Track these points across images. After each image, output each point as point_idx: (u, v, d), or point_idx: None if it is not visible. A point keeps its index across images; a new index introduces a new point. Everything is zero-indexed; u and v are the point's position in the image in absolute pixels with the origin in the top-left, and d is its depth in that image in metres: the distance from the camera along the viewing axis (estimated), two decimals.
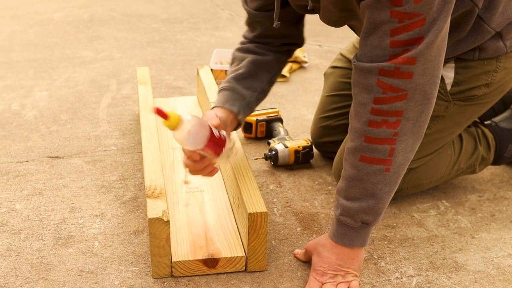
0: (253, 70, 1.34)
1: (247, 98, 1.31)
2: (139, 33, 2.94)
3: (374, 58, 1.02)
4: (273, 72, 1.38)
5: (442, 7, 0.97)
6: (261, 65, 1.35)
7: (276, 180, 1.59)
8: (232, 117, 1.29)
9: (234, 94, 1.31)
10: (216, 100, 1.31)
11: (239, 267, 1.22)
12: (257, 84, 1.34)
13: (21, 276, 1.20)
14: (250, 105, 1.33)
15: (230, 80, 1.33)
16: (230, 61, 1.42)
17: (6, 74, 2.34)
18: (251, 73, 1.34)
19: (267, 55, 1.36)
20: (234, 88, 1.31)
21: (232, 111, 1.28)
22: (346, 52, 1.62)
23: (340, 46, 2.77)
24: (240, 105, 1.30)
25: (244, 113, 1.31)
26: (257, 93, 1.34)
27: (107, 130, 1.85)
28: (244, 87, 1.32)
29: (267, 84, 1.37)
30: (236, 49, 1.41)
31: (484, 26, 1.22)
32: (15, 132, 1.83)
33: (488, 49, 1.26)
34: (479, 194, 1.55)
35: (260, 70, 1.35)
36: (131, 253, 1.27)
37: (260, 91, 1.35)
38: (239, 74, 1.33)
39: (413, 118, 1.04)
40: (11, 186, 1.53)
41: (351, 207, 1.10)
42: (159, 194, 1.20)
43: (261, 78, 1.35)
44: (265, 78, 1.36)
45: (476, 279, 1.23)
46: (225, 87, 1.32)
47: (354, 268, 1.17)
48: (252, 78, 1.34)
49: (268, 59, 1.36)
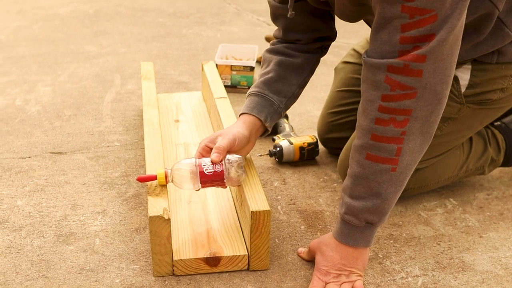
0: (282, 74, 1.32)
1: (275, 105, 1.30)
2: (145, 27, 2.92)
3: (384, 54, 0.99)
4: (303, 75, 1.35)
5: (455, 4, 0.94)
6: (290, 68, 1.33)
7: (280, 177, 1.57)
8: (259, 124, 1.27)
9: (263, 100, 1.29)
10: (244, 106, 1.30)
11: (242, 266, 1.20)
12: (287, 89, 1.32)
13: (21, 273, 1.19)
14: (279, 112, 1.31)
15: (260, 84, 1.32)
16: (261, 63, 1.39)
17: (11, 69, 2.33)
18: (280, 77, 1.32)
19: (296, 57, 1.34)
20: (262, 93, 1.30)
21: (260, 118, 1.26)
22: (359, 48, 1.60)
23: (348, 41, 2.74)
24: (268, 112, 1.28)
25: (271, 120, 1.30)
26: (286, 99, 1.33)
27: (111, 126, 1.84)
28: (273, 92, 1.31)
29: (297, 88, 1.34)
30: (266, 50, 1.39)
31: (505, 30, 1.19)
32: (18, 128, 1.82)
33: (507, 53, 1.23)
34: (488, 192, 1.52)
35: (290, 74, 1.33)
36: (132, 251, 1.26)
37: (290, 96, 1.33)
38: (269, 78, 1.31)
39: (422, 117, 1.01)
40: (13, 182, 1.52)
41: (355, 206, 1.08)
42: (161, 192, 1.18)
43: (290, 82, 1.33)
44: (295, 82, 1.34)
45: (483, 279, 1.21)
46: (254, 91, 1.31)
47: (358, 268, 1.15)
48: (281, 82, 1.32)
49: (297, 61, 1.33)
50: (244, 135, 1.23)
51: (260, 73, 1.35)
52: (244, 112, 1.28)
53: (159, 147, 1.36)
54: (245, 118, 1.27)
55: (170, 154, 1.56)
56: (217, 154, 1.17)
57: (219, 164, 1.17)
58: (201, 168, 1.16)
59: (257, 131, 1.28)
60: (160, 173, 1.18)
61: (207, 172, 1.16)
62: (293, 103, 1.36)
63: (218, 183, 1.18)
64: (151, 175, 1.19)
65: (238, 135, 1.22)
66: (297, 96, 1.36)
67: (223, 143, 1.18)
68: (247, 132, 1.24)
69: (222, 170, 1.17)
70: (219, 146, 1.18)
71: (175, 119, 1.75)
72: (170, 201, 1.35)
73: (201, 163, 1.17)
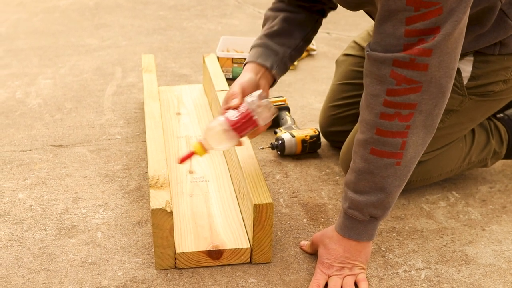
0: (287, 28, 1.31)
1: (280, 54, 1.28)
2: (145, 20, 2.91)
3: (388, 48, 0.98)
4: (307, 30, 1.34)
5: None
6: (294, 22, 1.32)
7: (282, 170, 1.56)
8: (264, 71, 1.25)
9: (266, 50, 1.28)
10: (249, 56, 1.28)
11: (244, 259, 1.20)
12: (291, 41, 1.31)
13: (23, 266, 1.19)
14: (284, 61, 1.29)
15: (262, 37, 1.30)
16: (262, 22, 1.38)
17: (11, 62, 2.32)
18: (284, 30, 1.30)
19: (300, 13, 1.33)
20: (266, 44, 1.28)
21: (265, 65, 1.25)
22: (360, 40, 1.58)
23: (349, 33, 2.73)
24: (273, 60, 1.26)
25: (278, 68, 1.27)
26: (291, 50, 1.31)
27: (112, 119, 1.83)
28: (277, 43, 1.29)
29: (302, 41, 1.33)
30: (268, 9, 1.38)
31: (508, 22, 1.18)
32: (19, 121, 1.81)
33: (509, 44, 1.22)
34: (490, 185, 1.51)
35: (294, 28, 1.32)
36: (134, 244, 1.25)
37: (294, 48, 1.31)
38: (272, 32, 1.30)
39: (426, 111, 1.01)
40: (14, 175, 1.51)
41: (359, 201, 1.08)
42: (163, 184, 1.17)
43: (294, 35, 1.32)
44: (299, 36, 1.32)
45: (486, 272, 1.20)
46: (257, 43, 1.29)
47: (361, 261, 1.15)
48: (285, 35, 1.30)
49: (301, 17, 1.33)
50: (251, 78, 1.22)
51: (263, 29, 1.34)
52: (248, 61, 1.27)
53: (160, 140, 1.35)
54: (249, 66, 1.26)
55: (171, 147, 1.55)
56: (234, 99, 1.16)
57: (242, 106, 1.16)
58: (228, 119, 1.14)
59: (264, 76, 1.26)
60: (196, 145, 1.15)
61: (234, 118, 1.14)
62: (299, 56, 1.34)
63: (251, 124, 1.16)
64: (189, 153, 1.16)
65: (244, 80, 1.21)
66: (302, 50, 1.35)
67: (234, 89, 1.17)
68: (253, 75, 1.23)
69: (247, 109, 1.15)
70: (231, 92, 1.17)
71: (176, 112, 1.75)
72: (172, 194, 1.35)
73: (226, 115, 1.16)
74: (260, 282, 1.16)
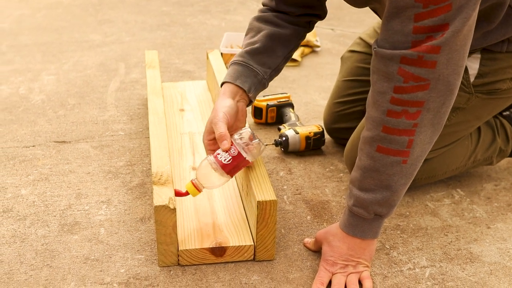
0: (270, 46, 1.28)
1: (260, 75, 1.26)
2: (149, 16, 2.90)
3: (396, 45, 0.97)
4: (290, 47, 1.31)
5: None
6: (278, 39, 1.29)
7: (286, 167, 1.56)
8: (241, 93, 1.24)
9: (246, 70, 1.25)
10: (227, 75, 1.26)
11: (247, 256, 1.19)
12: (272, 61, 1.28)
13: (26, 263, 1.18)
14: (263, 83, 1.27)
15: (244, 54, 1.27)
16: (246, 30, 1.35)
17: (14, 57, 2.32)
18: (267, 48, 1.28)
19: (285, 28, 1.29)
20: (247, 63, 1.25)
21: (243, 88, 1.23)
22: (365, 37, 1.57)
23: (354, 30, 2.71)
24: (251, 82, 1.24)
25: (255, 90, 1.26)
26: (271, 70, 1.28)
27: (115, 115, 1.82)
28: (258, 63, 1.26)
29: (283, 60, 1.31)
30: (253, 17, 1.34)
31: None
32: (22, 117, 1.81)
33: None
34: (495, 183, 1.50)
35: (277, 45, 1.29)
36: (137, 241, 1.25)
37: (275, 68, 1.29)
38: (254, 49, 1.27)
39: (434, 109, 1.00)
40: (17, 171, 1.51)
41: (365, 198, 1.07)
42: (166, 181, 1.17)
43: (277, 54, 1.29)
44: (281, 54, 1.30)
45: (491, 270, 1.19)
46: (238, 61, 1.26)
47: (366, 259, 1.14)
48: (267, 54, 1.28)
49: (286, 33, 1.29)
50: (231, 106, 1.20)
51: (245, 42, 1.31)
52: (226, 81, 1.25)
53: (164, 136, 1.34)
54: (227, 88, 1.23)
55: (175, 143, 1.55)
56: (225, 142, 1.15)
57: (232, 149, 1.16)
58: (219, 161, 1.15)
59: (241, 98, 1.24)
60: (189, 186, 1.17)
61: (226, 161, 1.15)
62: (277, 75, 1.32)
63: (243, 164, 1.17)
64: (183, 192, 1.18)
65: (226, 110, 1.19)
66: (281, 69, 1.32)
67: (220, 129, 1.16)
68: (232, 101, 1.21)
69: (238, 152, 1.15)
70: (219, 135, 1.15)
71: (180, 108, 1.74)
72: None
73: (217, 156, 1.16)
74: (263, 280, 1.15)
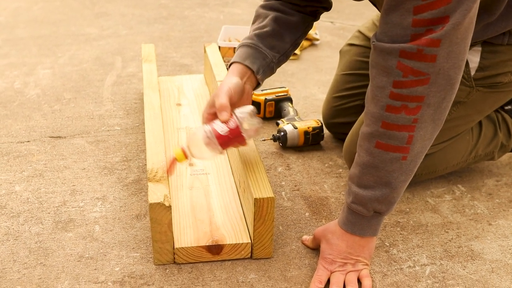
0: (278, 30, 1.26)
1: (268, 58, 1.24)
2: (146, 9, 2.87)
3: (395, 38, 0.95)
4: (297, 34, 1.29)
5: None
6: (285, 24, 1.27)
7: (284, 162, 1.53)
8: (249, 74, 1.21)
9: (255, 52, 1.23)
10: (236, 55, 1.23)
11: (245, 254, 1.17)
12: (281, 45, 1.27)
13: (19, 261, 1.16)
14: (271, 66, 1.25)
15: (253, 37, 1.25)
16: (253, 18, 1.33)
17: (10, 51, 2.29)
18: (275, 32, 1.26)
19: (292, 15, 1.28)
20: (256, 45, 1.24)
21: (252, 68, 1.21)
22: (364, 30, 1.55)
23: (353, 23, 2.69)
24: (260, 64, 1.22)
25: (263, 73, 1.23)
26: (280, 55, 1.26)
27: (111, 110, 1.80)
28: (267, 46, 1.25)
29: (291, 46, 1.29)
30: (260, 5, 1.32)
31: None
32: (17, 111, 1.78)
33: None
34: (497, 179, 1.48)
35: (285, 31, 1.27)
36: (132, 238, 1.23)
37: (283, 53, 1.27)
38: (263, 32, 1.25)
39: (434, 104, 0.97)
40: (11, 167, 1.49)
41: (364, 195, 1.05)
42: (161, 177, 1.15)
43: (285, 39, 1.27)
44: (289, 40, 1.28)
45: (493, 268, 1.18)
46: (247, 43, 1.24)
47: (365, 256, 1.12)
48: (276, 37, 1.26)
49: (293, 19, 1.28)
50: (238, 83, 1.17)
51: (253, 27, 1.29)
52: (235, 61, 1.23)
53: (160, 131, 1.32)
54: (236, 68, 1.21)
55: (171, 138, 1.53)
56: (224, 112, 1.11)
57: (231, 121, 1.11)
58: (216, 131, 1.10)
59: (249, 79, 1.22)
60: (177, 151, 1.12)
61: (222, 132, 1.10)
62: (285, 61, 1.30)
63: (238, 140, 1.12)
64: (171, 160, 1.13)
65: (231, 86, 1.16)
66: (289, 55, 1.30)
67: (222, 100, 1.12)
68: (239, 80, 1.19)
69: (237, 125, 1.11)
70: (220, 104, 1.12)
71: (177, 103, 1.72)
72: (172, 187, 1.32)
73: (214, 126, 1.11)
74: (260, 278, 1.13)
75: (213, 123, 1.12)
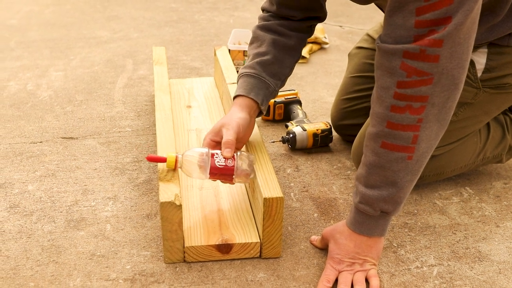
0: (278, 56, 1.29)
1: (271, 88, 1.28)
2: (157, 12, 2.90)
3: (398, 39, 0.96)
4: (296, 57, 1.33)
5: None
6: (284, 49, 1.30)
7: (293, 164, 1.55)
8: (255, 106, 1.25)
9: (259, 83, 1.26)
10: (240, 87, 1.27)
11: (254, 253, 1.18)
12: (282, 71, 1.30)
13: (32, 258, 1.18)
14: (273, 94, 1.30)
15: (255, 66, 1.28)
16: (250, 39, 1.36)
17: (23, 53, 2.32)
18: (276, 59, 1.29)
19: (290, 37, 1.31)
20: (259, 75, 1.27)
21: (257, 101, 1.24)
22: (372, 33, 1.56)
23: (362, 27, 2.70)
24: (264, 94, 1.26)
25: (266, 102, 1.28)
26: (281, 81, 1.31)
27: (122, 111, 1.82)
28: (269, 74, 1.28)
29: (290, 70, 1.33)
30: (257, 26, 1.35)
31: None
32: (30, 113, 1.81)
33: None
34: (505, 181, 1.49)
35: (284, 55, 1.30)
36: (143, 237, 1.25)
37: (283, 79, 1.32)
38: (265, 61, 1.28)
39: (438, 104, 0.98)
40: (24, 167, 1.51)
41: (370, 195, 1.06)
42: (172, 177, 1.16)
43: (285, 64, 1.31)
44: (289, 64, 1.32)
45: (500, 270, 1.18)
46: (250, 73, 1.28)
47: (373, 257, 1.13)
48: (277, 64, 1.29)
49: (291, 42, 1.31)
50: (246, 120, 1.22)
51: (253, 52, 1.32)
52: (240, 94, 1.25)
53: (170, 132, 1.34)
54: (242, 101, 1.24)
55: (182, 140, 1.54)
56: (229, 150, 1.15)
57: (231, 159, 1.15)
58: (213, 160, 1.15)
59: (254, 113, 1.26)
60: (170, 156, 1.16)
61: (218, 164, 1.15)
62: (282, 86, 1.34)
63: (226, 178, 1.17)
64: (161, 157, 1.17)
65: (241, 122, 1.20)
66: (286, 80, 1.34)
67: (230, 136, 1.16)
68: (248, 116, 1.23)
69: (233, 166, 1.15)
70: (227, 140, 1.16)
71: (187, 105, 1.74)
72: (182, 187, 1.34)
73: (214, 155, 1.16)
74: (269, 277, 1.14)
75: (215, 152, 1.16)
